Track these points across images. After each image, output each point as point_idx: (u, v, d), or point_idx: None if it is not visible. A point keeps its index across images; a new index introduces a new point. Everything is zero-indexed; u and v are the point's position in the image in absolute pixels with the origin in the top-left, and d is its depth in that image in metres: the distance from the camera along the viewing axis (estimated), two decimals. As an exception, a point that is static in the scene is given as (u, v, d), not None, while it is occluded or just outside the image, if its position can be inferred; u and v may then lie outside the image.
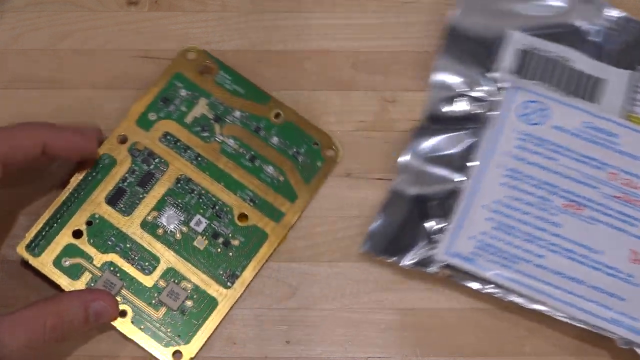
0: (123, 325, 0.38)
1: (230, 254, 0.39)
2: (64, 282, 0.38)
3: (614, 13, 0.44)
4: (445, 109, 0.42)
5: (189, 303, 0.38)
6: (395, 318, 0.39)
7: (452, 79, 0.42)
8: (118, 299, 0.38)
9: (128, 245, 0.39)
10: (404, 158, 0.41)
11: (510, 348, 0.39)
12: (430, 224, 0.40)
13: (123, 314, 0.38)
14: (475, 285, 0.39)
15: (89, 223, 0.39)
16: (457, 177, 0.40)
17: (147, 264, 0.39)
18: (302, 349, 0.39)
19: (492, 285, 0.39)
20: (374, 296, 0.40)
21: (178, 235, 0.39)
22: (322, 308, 0.39)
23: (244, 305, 0.39)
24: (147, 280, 0.39)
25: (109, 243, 0.39)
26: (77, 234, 0.39)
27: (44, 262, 0.38)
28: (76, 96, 0.42)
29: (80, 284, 0.38)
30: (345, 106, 0.43)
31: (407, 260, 0.39)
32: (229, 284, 0.39)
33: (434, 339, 0.39)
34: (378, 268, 0.40)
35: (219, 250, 0.39)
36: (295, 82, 0.43)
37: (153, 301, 0.38)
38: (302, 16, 0.44)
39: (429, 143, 0.41)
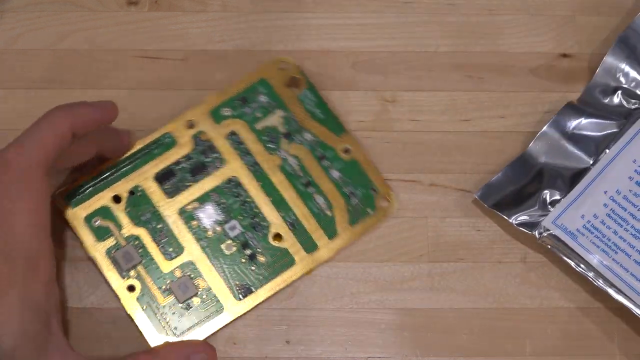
0: (128, 300, 0.38)
1: (253, 268, 0.39)
2: (88, 240, 0.38)
3: None
4: (602, 95, 0.42)
5: (196, 301, 0.38)
6: (395, 318, 0.39)
7: (619, 70, 0.43)
8: (132, 272, 0.38)
9: (159, 226, 0.39)
10: (546, 127, 0.42)
11: (510, 348, 0.39)
12: (549, 194, 0.40)
13: (131, 288, 0.38)
14: (570, 262, 0.39)
15: (131, 192, 0.39)
16: (588, 160, 0.41)
17: (171, 249, 0.39)
18: (302, 349, 0.39)
19: (586, 267, 0.39)
20: (374, 296, 0.40)
21: (210, 232, 0.39)
22: (322, 308, 0.39)
23: (244, 305, 0.39)
24: (166, 265, 0.38)
25: (143, 218, 0.39)
26: (116, 199, 0.39)
27: (76, 216, 0.39)
28: (76, 97, 0.42)
29: (102, 247, 0.38)
30: (345, 106, 0.43)
31: (516, 219, 0.40)
32: (240, 296, 0.38)
33: (434, 339, 0.39)
34: (378, 268, 0.40)
35: (243, 260, 0.39)
36: (295, 82, 0.43)
37: (163, 287, 0.38)
38: (302, 16, 0.44)
39: (574, 121, 0.42)
